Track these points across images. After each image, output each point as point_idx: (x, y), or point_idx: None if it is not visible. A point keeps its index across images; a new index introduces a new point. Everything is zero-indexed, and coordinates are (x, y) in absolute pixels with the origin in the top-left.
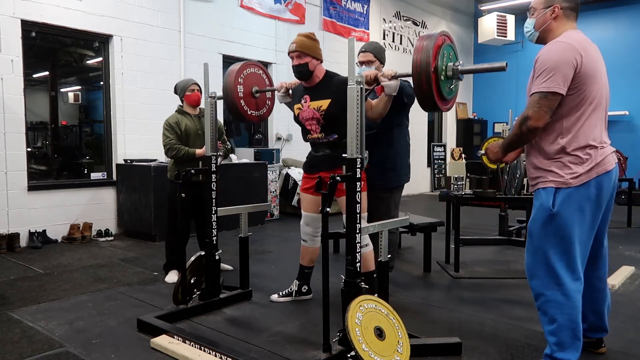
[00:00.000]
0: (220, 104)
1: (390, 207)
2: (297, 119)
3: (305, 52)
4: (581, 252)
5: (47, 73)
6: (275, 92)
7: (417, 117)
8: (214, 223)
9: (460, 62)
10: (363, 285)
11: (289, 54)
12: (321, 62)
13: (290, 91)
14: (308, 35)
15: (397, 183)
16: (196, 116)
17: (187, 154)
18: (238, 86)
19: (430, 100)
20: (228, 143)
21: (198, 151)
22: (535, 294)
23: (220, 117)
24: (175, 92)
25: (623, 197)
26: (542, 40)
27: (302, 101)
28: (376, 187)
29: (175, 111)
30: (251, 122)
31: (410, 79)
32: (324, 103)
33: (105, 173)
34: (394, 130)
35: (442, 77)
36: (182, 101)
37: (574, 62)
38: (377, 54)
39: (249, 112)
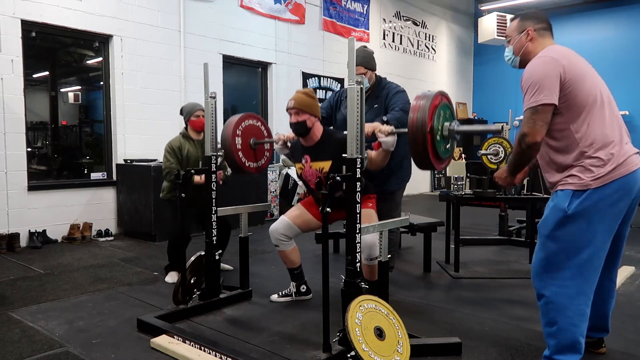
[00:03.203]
0: (220, 104)
1: (391, 207)
2: (300, 177)
3: (303, 110)
4: (594, 257)
5: (47, 73)
6: (274, 143)
7: None
8: (213, 223)
9: (456, 122)
10: (363, 285)
11: (287, 110)
12: (319, 119)
13: (289, 144)
14: (307, 92)
15: (399, 185)
16: (199, 142)
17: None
18: (236, 138)
19: (426, 160)
20: (228, 170)
21: (196, 178)
22: (537, 293)
23: (220, 117)
24: (181, 114)
25: None
26: (524, 64)
27: (303, 161)
28: (379, 190)
29: (180, 134)
30: (249, 173)
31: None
32: (326, 165)
33: (105, 173)
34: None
35: (438, 138)
36: (186, 125)
37: (556, 70)
38: (367, 64)
39: (248, 165)
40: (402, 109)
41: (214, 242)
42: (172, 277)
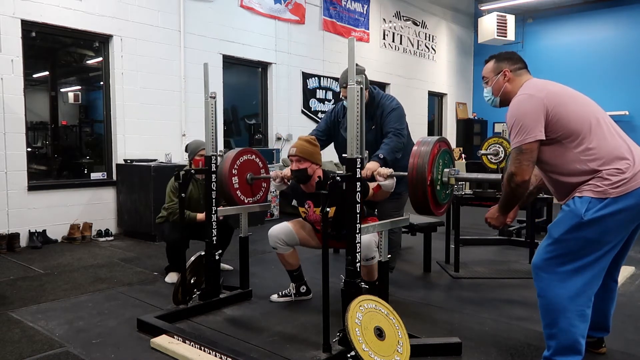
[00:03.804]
0: (220, 104)
1: (397, 207)
2: (304, 219)
3: (305, 158)
4: (600, 260)
5: (47, 73)
6: (271, 180)
7: (417, 118)
8: (213, 223)
9: (456, 169)
10: (363, 286)
11: (288, 156)
12: (320, 167)
13: (288, 182)
14: (309, 140)
15: (405, 188)
16: (201, 182)
17: (189, 218)
18: (233, 178)
19: (425, 204)
20: None
21: (199, 216)
22: (538, 294)
23: (220, 117)
24: (186, 151)
25: None
26: (504, 103)
27: (306, 206)
28: None
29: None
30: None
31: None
32: (330, 210)
33: (105, 173)
34: None
35: (438, 183)
36: (190, 162)
37: (536, 107)
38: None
39: (245, 200)
40: (394, 132)
41: (214, 242)
42: (172, 278)
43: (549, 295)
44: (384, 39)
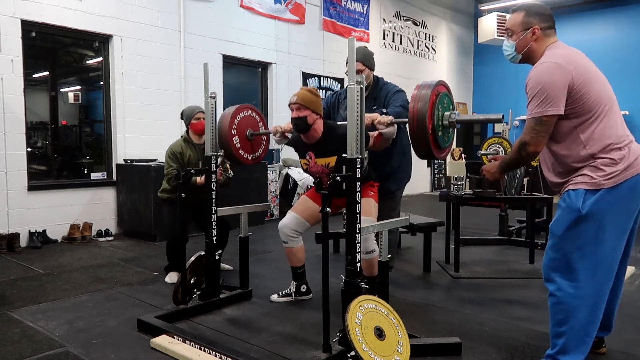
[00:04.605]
0: (220, 104)
1: (392, 207)
2: (306, 171)
3: (305, 106)
4: (608, 257)
5: (47, 73)
6: (271, 135)
7: None
8: (213, 223)
9: (456, 112)
10: (363, 285)
11: (289, 106)
12: (321, 117)
13: (289, 135)
14: (310, 90)
15: (398, 186)
16: (200, 147)
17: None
18: (233, 129)
19: (427, 149)
20: (230, 172)
21: (198, 180)
22: (550, 292)
23: None
24: (181, 118)
25: None
26: (525, 60)
27: (307, 157)
28: (378, 190)
29: (181, 137)
30: (246, 165)
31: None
32: (331, 160)
33: (105, 173)
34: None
35: (439, 127)
36: (187, 128)
37: (564, 79)
38: (365, 61)
39: (245, 156)
40: (402, 105)
41: (214, 242)
42: (172, 277)
43: (559, 294)
44: (384, 39)
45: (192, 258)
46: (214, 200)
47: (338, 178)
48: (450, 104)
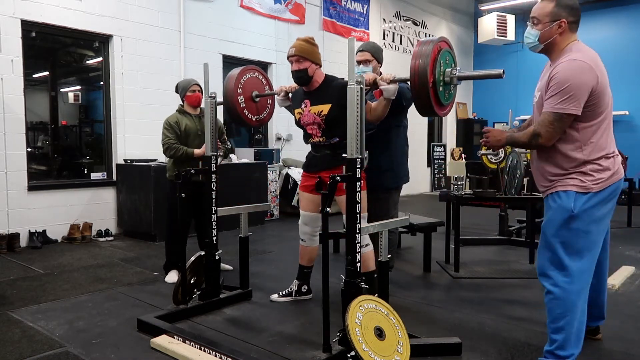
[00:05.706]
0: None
1: (389, 207)
2: (298, 123)
3: (304, 57)
4: (594, 251)
5: (47, 73)
6: (275, 95)
7: (417, 117)
8: (214, 223)
9: (458, 68)
10: (363, 285)
11: (288, 59)
12: (320, 66)
13: (290, 95)
14: (307, 39)
15: (395, 184)
16: (196, 116)
17: (186, 153)
18: (238, 89)
19: (428, 106)
20: (228, 143)
21: (197, 151)
22: (547, 290)
23: (221, 118)
24: (177, 92)
25: (623, 197)
26: (544, 52)
27: (303, 106)
28: (374, 187)
29: (176, 110)
30: (251, 126)
31: (408, 82)
32: (325, 108)
33: (105, 173)
34: (392, 131)
35: (440, 83)
36: (182, 101)
37: (592, 82)
38: (374, 53)
39: (250, 117)
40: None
41: (214, 242)
42: (171, 277)
43: (556, 291)
44: (384, 39)
45: (192, 258)
46: (214, 200)
47: (338, 178)
48: (452, 61)
